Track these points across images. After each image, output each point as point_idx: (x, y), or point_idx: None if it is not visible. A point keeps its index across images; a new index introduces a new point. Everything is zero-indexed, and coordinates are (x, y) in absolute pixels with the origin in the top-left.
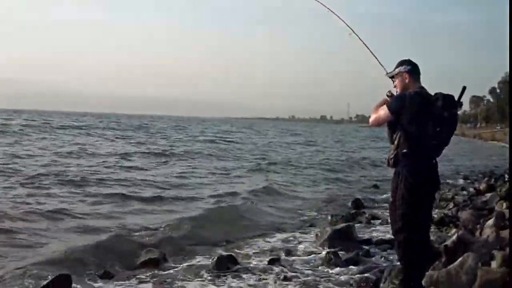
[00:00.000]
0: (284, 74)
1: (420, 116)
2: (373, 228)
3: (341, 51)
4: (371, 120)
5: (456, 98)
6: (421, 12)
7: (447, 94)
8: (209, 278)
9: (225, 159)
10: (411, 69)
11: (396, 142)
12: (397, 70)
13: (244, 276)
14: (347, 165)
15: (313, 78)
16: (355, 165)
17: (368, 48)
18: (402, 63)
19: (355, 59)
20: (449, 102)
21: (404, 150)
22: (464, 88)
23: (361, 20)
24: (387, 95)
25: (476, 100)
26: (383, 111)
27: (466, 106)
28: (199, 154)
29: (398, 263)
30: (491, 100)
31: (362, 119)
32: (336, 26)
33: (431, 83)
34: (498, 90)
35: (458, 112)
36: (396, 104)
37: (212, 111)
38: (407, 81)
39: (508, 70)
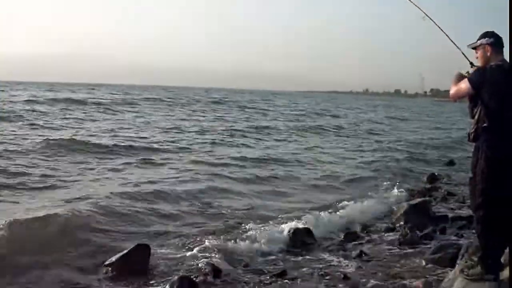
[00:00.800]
0: (356, 46)
1: (501, 90)
2: (449, 205)
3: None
4: (451, 93)
5: None
6: None
7: None
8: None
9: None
10: (494, 41)
11: (476, 116)
12: (479, 42)
13: (320, 251)
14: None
15: (385, 51)
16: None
17: (445, 33)
18: (485, 35)
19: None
20: None
21: (485, 125)
22: None
23: None
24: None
25: None
26: (464, 84)
27: None
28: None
29: (476, 240)
30: None
31: (437, 93)
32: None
33: None
34: None
35: None
36: (477, 77)
37: (283, 84)
38: (489, 54)
39: None
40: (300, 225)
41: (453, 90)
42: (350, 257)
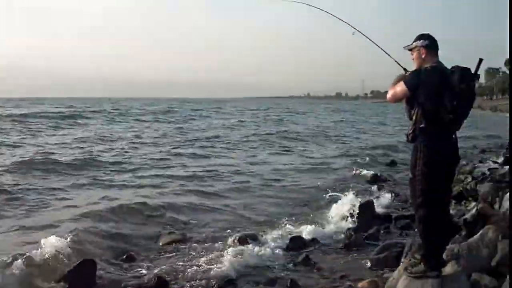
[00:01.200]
0: (297, 53)
1: (436, 91)
2: (392, 204)
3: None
4: (388, 96)
5: (473, 71)
6: None
7: (464, 67)
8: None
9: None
10: (429, 43)
11: (414, 117)
12: (414, 44)
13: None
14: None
15: (325, 57)
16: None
17: (375, 43)
18: (420, 37)
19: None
20: (466, 75)
21: (422, 125)
22: (480, 60)
23: None
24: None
25: (492, 72)
26: (400, 88)
27: (481, 79)
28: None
29: (419, 238)
30: (507, 71)
31: (377, 95)
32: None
33: (449, 55)
34: None
35: (475, 85)
36: (412, 80)
37: (225, 91)
38: (423, 56)
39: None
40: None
41: (390, 93)
42: (296, 262)
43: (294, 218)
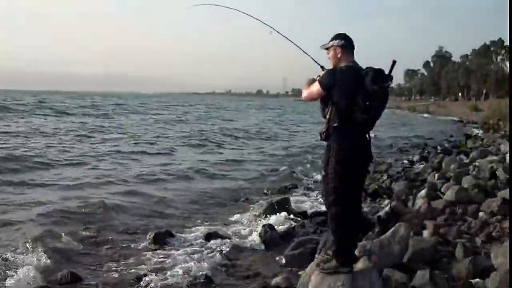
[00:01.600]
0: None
1: (350, 91)
2: (308, 201)
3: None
4: (304, 96)
5: (386, 72)
6: None
7: (377, 69)
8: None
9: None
10: (344, 43)
11: (328, 116)
12: (330, 43)
13: (179, 251)
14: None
15: (249, 54)
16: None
17: (292, 41)
18: (336, 37)
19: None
20: (379, 76)
21: (335, 124)
22: (394, 62)
23: None
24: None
25: (410, 74)
26: (315, 87)
27: (401, 80)
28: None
29: (331, 234)
30: (425, 73)
31: (298, 93)
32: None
33: (366, 57)
34: (431, 64)
35: (392, 86)
36: (327, 79)
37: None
38: (339, 55)
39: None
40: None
41: (305, 93)
42: (211, 258)
43: (210, 216)
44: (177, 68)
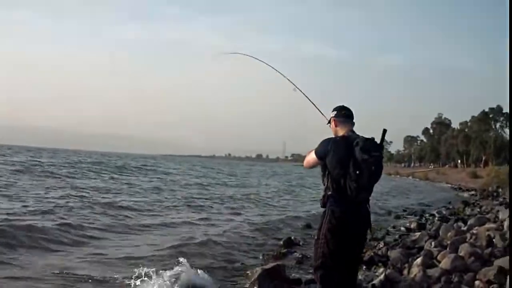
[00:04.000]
0: (220, 114)
1: (342, 160)
2: (304, 268)
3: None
4: (304, 163)
5: (379, 141)
6: (363, 56)
7: (367, 138)
8: None
9: None
10: (337, 114)
11: (325, 184)
12: (330, 115)
13: None
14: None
15: (250, 118)
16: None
17: (313, 103)
18: (334, 109)
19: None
20: (369, 145)
21: (329, 192)
22: (384, 131)
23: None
24: None
25: (410, 140)
26: (311, 156)
27: (400, 146)
28: None
29: None
30: (425, 140)
31: (298, 158)
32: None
33: (368, 124)
34: (431, 131)
35: (392, 152)
36: (321, 149)
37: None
38: (335, 126)
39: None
40: None
41: (305, 161)
42: None
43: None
44: (179, 130)
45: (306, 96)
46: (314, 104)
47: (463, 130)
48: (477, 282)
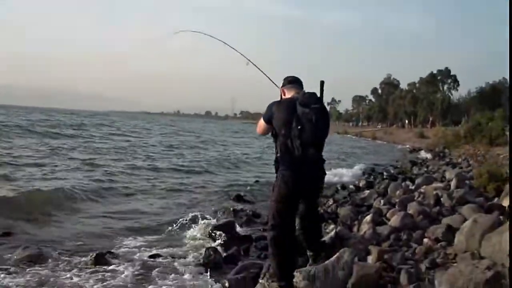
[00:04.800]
0: (170, 70)
1: (286, 119)
2: (254, 225)
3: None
4: (257, 129)
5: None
6: (312, 13)
7: (307, 92)
8: (87, 273)
9: None
10: (283, 83)
11: (275, 148)
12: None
13: (122, 270)
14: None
15: (198, 75)
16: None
17: (266, 75)
18: (283, 80)
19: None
20: (307, 98)
21: (278, 154)
22: (322, 82)
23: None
24: None
25: (358, 100)
26: (261, 121)
27: (349, 105)
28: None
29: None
30: (373, 100)
31: (247, 115)
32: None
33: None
34: (379, 91)
35: (340, 112)
36: (266, 112)
37: (96, 104)
38: (284, 95)
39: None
40: None
41: (257, 127)
42: (151, 282)
43: (149, 237)
44: (127, 87)
45: (260, 70)
46: (268, 78)
47: (411, 91)
48: (425, 240)
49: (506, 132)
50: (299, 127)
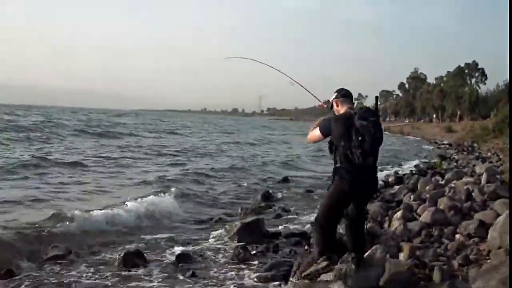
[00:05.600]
0: (196, 68)
1: (345, 133)
2: (283, 222)
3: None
4: (308, 137)
5: (372, 108)
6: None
7: (363, 106)
8: (116, 275)
9: None
10: (336, 95)
11: (334, 159)
12: (331, 99)
13: (151, 272)
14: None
15: (225, 72)
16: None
17: (310, 92)
18: (334, 92)
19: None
20: (365, 113)
21: (338, 165)
22: (377, 98)
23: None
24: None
25: (385, 95)
26: (317, 132)
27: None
28: None
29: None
30: (400, 94)
31: (274, 112)
32: None
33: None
34: (406, 85)
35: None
36: (324, 127)
37: (116, 103)
38: (337, 106)
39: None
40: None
41: (309, 136)
42: (181, 279)
43: (181, 234)
44: (151, 85)
45: (304, 88)
46: (313, 95)
47: (439, 85)
48: (457, 236)
49: None
50: (359, 138)
